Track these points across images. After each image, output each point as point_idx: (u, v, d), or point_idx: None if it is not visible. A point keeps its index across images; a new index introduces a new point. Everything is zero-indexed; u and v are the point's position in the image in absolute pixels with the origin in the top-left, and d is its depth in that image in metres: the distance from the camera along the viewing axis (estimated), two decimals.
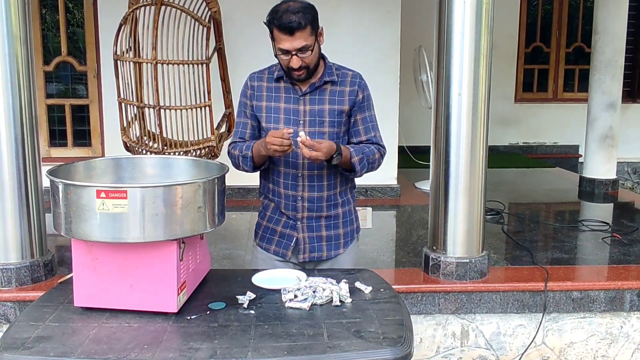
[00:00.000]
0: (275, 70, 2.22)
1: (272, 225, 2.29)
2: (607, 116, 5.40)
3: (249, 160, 2.15)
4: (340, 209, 2.28)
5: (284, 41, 2.04)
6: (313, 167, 2.19)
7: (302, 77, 2.13)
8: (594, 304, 3.03)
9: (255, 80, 2.24)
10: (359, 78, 2.23)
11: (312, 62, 2.11)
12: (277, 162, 2.21)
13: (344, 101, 2.19)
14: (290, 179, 2.20)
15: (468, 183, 2.97)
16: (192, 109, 3.99)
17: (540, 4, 8.11)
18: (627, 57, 5.82)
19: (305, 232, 2.25)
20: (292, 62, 2.07)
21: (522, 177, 6.50)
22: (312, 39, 2.07)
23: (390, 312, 1.76)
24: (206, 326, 1.67)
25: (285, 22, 2.00)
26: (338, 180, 2.25)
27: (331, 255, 2.28)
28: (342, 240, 2.30)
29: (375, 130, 2.26)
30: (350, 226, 2.33)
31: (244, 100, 2.25)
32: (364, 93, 2.22)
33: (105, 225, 1.64)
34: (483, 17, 2.88)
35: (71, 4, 5.60)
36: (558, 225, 4.42)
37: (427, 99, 5.44)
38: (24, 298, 2.81)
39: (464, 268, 3.01)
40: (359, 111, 2.22)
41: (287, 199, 2.23)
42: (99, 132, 5.30)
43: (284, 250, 2.27)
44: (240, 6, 4.86)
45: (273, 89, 2.21)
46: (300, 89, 2.19)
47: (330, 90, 2.19)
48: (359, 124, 2.23)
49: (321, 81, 2.18)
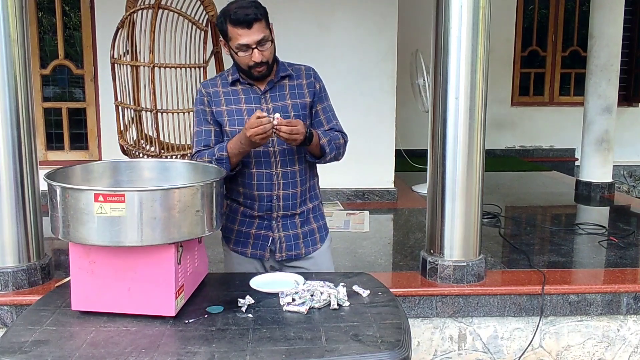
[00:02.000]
0: (229, 75, 2.21)
1: (244, 228, 2.27)
2: (603, 120, 5.41)
3: (225, 162, 2.09)
4: (310, 204, 2.31)
5: (243, 36, 2.04)
6: (286, 164, 2.19)
7: (263, 72, 2.13)
8: (591, 307, 3.03)
9: (209, 87, 2.22)
10: (312, 71, 2.27)
11: (271, 57, 2.13)
12: (249, 163, 2.19)
13: (304, 94, 2.22)
14: (264, 179, 2.19)
15: (465, 186, 2.98)
16: (189, 112, 3.99)
17: (537, 8, 8.14)
18: (623, 61, 5.85)
19: (281, 231, 2.25)
20: (254, 56, 2.07)
21: (518, 180, 6.51)
22: (268, 31, 2.09)
23: (388, 316, 1.76)
24: (204, 330, 1.67)
25: (242, 16, 2.02)
26: (307, 175, 2.27)
27: (309, 252, 2.29)
28: (318, 235, 2.33)
29: (335, 119, 2.30)
30: (321, 220, 2.36)
31: (201, 108, 2.21)
32: (319, 84, 2.26)
33: (103, 228, 1.63)
34: (480, 21, 2.89)
35: (68, 7, 5.60)
36: (555, 229, 4.42)
37: (424, 102, 5.46)
38: (20, 302, 2.81)
39: (461, 271, 3.01)
40: (318, 102, 2.25)
41: (262, 200, 2.21)
42: (95, 135, 5.30)
43: (260, 252, 2.27)
44: None
45: (230, 92, 2.20)
46: (259, 88, 2.19)
47: (289, 85, 2.21)
48: (320, 114, 2.26)
49: (278, 77, 2.19)
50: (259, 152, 2.17)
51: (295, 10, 4.98)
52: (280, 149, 2.18)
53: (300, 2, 4.94)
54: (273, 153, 2.18)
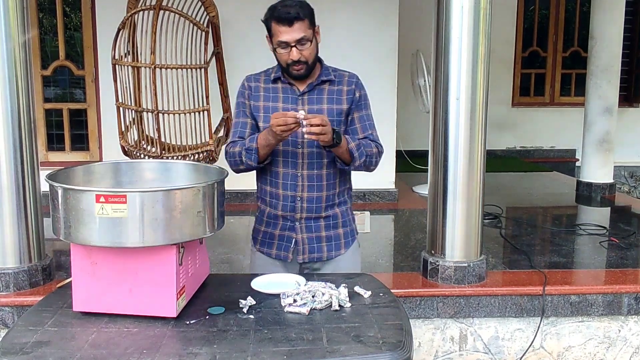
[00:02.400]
0: (272, 73, 2.24)
1: (270, 229, 2.29)
2: (604, 120, 5.41)
3: (254, 153, 2.12)
4: (337, 209, 2.29)
5: (283, 33, 2.07)
6: (313, 167, 2.19)
7: (302, 73, 2.14)
8: (592, 307, 3.03)
9: (252, 81, 2.26)
10: (355, 78, 2.25)
11: (311, 57, 2.12)
12: (276, 162, 2.21)
13: (342, 100, 2.20)
14: (289, 179, 2.20)
15: (466, 187, 2.98)
16: (191, 113, 4.00)
17: (537, 9, 8.14)
18: (624, 61, 5.84)
19: (304, 232, 2.25)
20: (292, 54, 2.08)
21: (519, 181, 6.51)
22: (310, 32, 2.09)
23: (390, 317, 1.76)
24: (205, 331, 1.67)
25: (284, 14, 2.04)
26: (337, 181, 2.25)
27: (332, 256, 2.28)
28: (343, 240, 2.31)
29: (372, 128, 2.27)
30: (349, 226, 2.33)
31: (241, 101, 2.26)
32: (360, 92, 2.24)
33: (104, 229, 1.64)
34: (480, 22, 2.89)
35: (69, 8, 5.60)
36: (555, 229, 4.42)
37: (425, 103, 5.46)
38: (22, 303, 2.80)
39: (462, 272, 3.01)
40: (356, 109, 2.23)
41: (286, 200, 2.22)
42: (96, 136, 5.30)
43: (284, 253, 2.27)
44: (238, 10, 4.87)
45: (270, 89, 2.22)
46: (298, 89, 2.20)
47: (329, 90, 2.20)
48: (356, 122, 2.23)
49: (318, 80, 2.20)
50: (287, 151, 2.18)
51: None
52: (308, 151, 2.18)
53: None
54: (301, 154, 2.18)
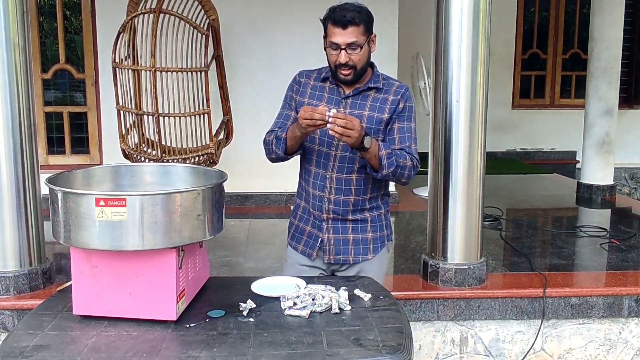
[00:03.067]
0: (324, 72, 2.25)
1: (302, 224, 2.31)
2: (604, 122, 5.42)
3: (282, 143, 2.14)
4: (368, 214, 2.26)
5: (336, 35, 2.08)
6: (342, 171, 2.19)
7: (349, 78, 2.13)
8: (593, 310, 3.03)
9: (303, 77, 2.28)
10: (404, 89, 2.22)
11: (360, 64, 2.12)
12: (310, 160, 2.23)
13: (384, 109, 2.18)
14: (319, 179, 2.22)
15: (466, 189, 2.98)
16: (191, 116, 4.00)
17: (537, 11, 8.15)
18: (624, 63, 5.85)
19: (331, 233, 2.25)
20: (340, 57, 2.09)
21: (519, 183, 6.51)
22: (363, 38, 2.09)
23: (390, 320, 1.75)
24: (205, 334, 1.66)
25: (340, 16, 2.06)
26: (369, 187, 2.22)
27: (358, 260, 2.26)
28: (371, 245, 2.27)
29: (410, 141, 2.20)
30: (380, 232, 2.29)
31: (289, 94, 2.29)
32: (406, 104, 2.20)
33: (104, 233, 1.63)
34: (480, 24, 2.89)
35: (69, 11, 5.61)
36: (556, 232, 4.42)
37: (425, 105, 5.46)
38: (22, 306, 2.81)
39: (462, 274, 3.01)
40: (397, 119, 2.19)
41: (315, 199, 2.24)
42: (97, 139, 5.30)
43: (310, 250, 2.28)
44: (238, 14, 4.88)
45: (318, 87, 2.23)
46: (343, 92, 2.20)
47: (373, 97, 2.19)
48: (394, 133, 2.19)
49: (365, 86, 2.19)
50: (321, 152, 2.19)
51: (296, 12, 4.99)
52: (341, 154, 2.18)
53: (301, 4, 4.95)
54: (333, 157, 2.18)
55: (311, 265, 2.30)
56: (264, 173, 4.33)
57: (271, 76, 4.90)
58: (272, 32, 5.02)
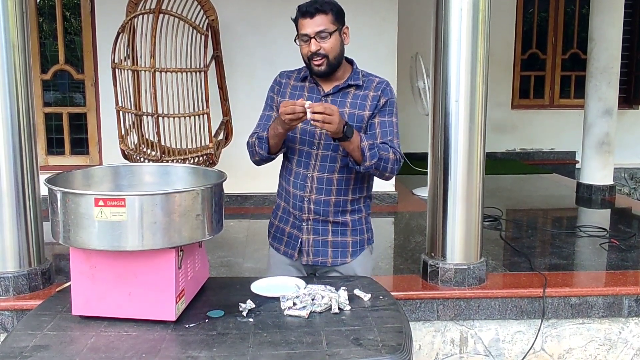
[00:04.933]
0: (303, 71, 2.25)
1: (281, 224, 2.30)
2: (604, 122, 5.42)
3: (265, 142, 2.13)
4: (349, 217, 2.24)
5: (305, 26, 2.10)
6: (324, 170, 2.17)
7: (322, 68, 2.12)
8: (593, 309, 3.03)
9: (284, 77, 2.29)
10: (384, 84, 2.20)
11: (332, 53, 2.11)
12: (291, 159, 2.22)
13: (365, 106, 2.16)
14: (300, 178, 2.20)
15: (466, 190, 2.98)
16: (190, 116, 4.00)
17: (536, 11, 8.14)
18: (623, 63, 5.85)
19: (311, 234, 2.23)
20: (310, 46, 2.09)
21: (519, 183, 6.51)
22: (332, 27, 2.10)
23: (389, 320, 1.75)
24: (205, 334, 1.66)
25: (307, 6, 2.09)
26: (350, 188, 2.20)
27: (337, 263, 2.24)
28: (350, 249, 2.25)
29: (393, 135, 2.16)
30: (360, 235, 2.27)
31: (270, 95, 2.29)
32: (386, 99, 2.17)
33: (103, 233, 1.63)
34: (479, 25, 2.89)
35: (69, 12, 5.61)
36: (556, 232, 4.42)
37: (424, 105, 5.46)
38: (21, 307, 2.81)
39: (462, 274, 3.01)
40: (378, 114, 2.17)
41: (295, 199, 2.22)
42: (96, 140, 5.30)
43: (291, 251, 2.27)
44: (237, 14, 4.87)
45: (297, 87, 2.24)
46: (323, 90, 2.20)
47: (354, 94, 2.18)
48: (376, 127, 2.16)
49: (345, 83, 2.18)
50: (302, 151, 2.18)
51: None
52: (323, 153, 2.16)
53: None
54: (315, 156, 2.17)
55: (294, 265, 2.29)
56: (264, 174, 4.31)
57: (271, 77, 4.85)
58: (271, 33, 5.01)
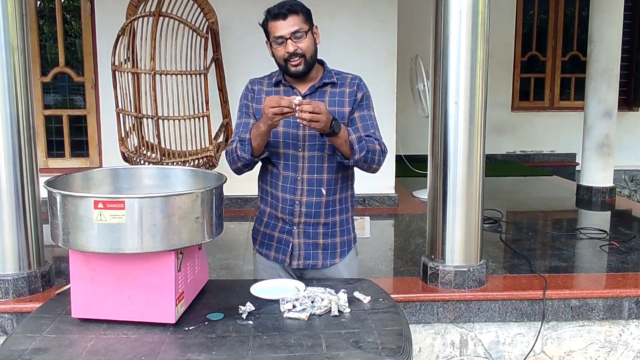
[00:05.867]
0: (274, 76, 2.24)
1: (269, 230, 2.28)
2: (604, 124, 5.42)
3: (247, 144, 2.10)
4: (337, 217, 2.26)
5: (279, 28, 2.08)
6: (313, 171, 2.18)
7: (300, 68, 2.12)
8: (593, 312, 3.03)
9: (255, 84, 2.27)
10: (358, 80, 2.23)
11: (308, 51, 2.12)
12: (277, 164, 2.20)
13: (344, 102, 2.18)
14: (289, 182, 2.19)
15: (466, 191, 2.98)
16: (190, 119, 4.00)
17: (536, 13, 8.16)
18: (623, 65, 5.85)
19: (302, 237, 2.23)
20: (288, 46, 2.08)
21: (519, 185, 6.51)
22: (305, 26, 2.10)
23: (389, 322, 1.75)
24: (204, 337, 1.66)
25: (278, 9, 2.08)
26: (338, 187, 2.23)
27: (326, 265, 2.25)
28: (339, 249, 2.28)
29: (374, 128, 2.20)
30: (347, 235, 2.30)
31: (245, 102, 2.26)
32: (362, 93, 2.20)
33: (102, 235, 1.63)
34: (479, 27, 2.90)
35: (69, 14, 5.62)
36: (556, 234, 4.42)
37: (424, 107, 5.46)
38: (21, 309, 2.80)
39: (462, 277, 3.00)
40: (357, 109, 2.19)
41: (285, 203, 2.21)
42: (96, 142, 5.30)
43: (282, 256, 2.26)
44: (237, 17, 4.88)
45: (272, 92, 2.22)
46: (299, 92, 2.19)
47: (330, 92, 2.19)
48: (357, 122, 2.18)
49: (320, 82, 2.19)
50: (288, 154, 2.17)
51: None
52: (309, 155, 2.16)
53: None
54: (302, 158, 2.16)
55: (283, 270, 2.28)
56: None
57: None
58: None
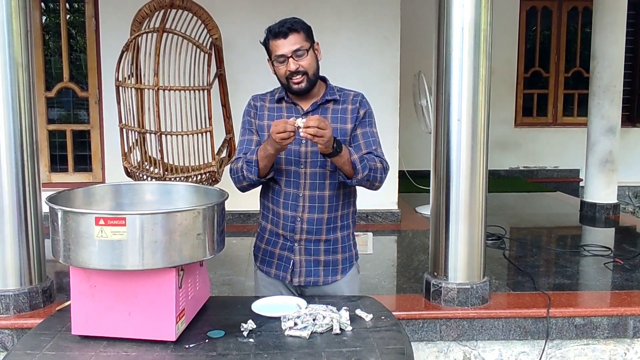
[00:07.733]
0: (277, 93, 2.25)
1: (270, 247, 2.28)
2: (607, 140, 5.41)
3: (254, 165, 2.10)
4: (339, 233, 2.25)
5: (280, 47, 2.09)
6: (315, 188, 2.17)
7: (303, 85, 2.13)
8: (597, 330, 3.00)
9: (258, 101, 2.27)
10: (360, 97, 2.24)
11: (310, 69, 2.12)
12: (279, 180, 2.20)
13: (346, 119, 2.18)
14: (290, 199, 2.19)
15: (468, 208, 2.97)
16: (193, 134, 4.01)
17: (539, 30, 8.19)
18: (626, 81, 5.86)
19: (303, 254, 2.22)
20: (289, 65, 2.09)
21: (522, 201, 6.49)
22: (306, 44, 2.11)
23: (391, 341, 1.74)
24: (205, 355, 1.65)
25: (279, 27, 2.09)
26: (340, 203, 2.22)
27: (328, 281, 2.24)
28: (340, 266, 2.26)
29: (376, 145, 2.21)
30: (348, 252, 2.29)
31: (247, 119, 2.27)
32: (365, 110, 2.21)
33: (103, 252, 1.63)
34: (481, 43, 2.90)
35: (74, 30, 5.67)
36: (560, 251, 4.39)
37: (427, 123, 5.46)
38: (21, 325, 2.79)
39: (465, 294, 2.98)
40: (359, 126, 2.20)
41: (286, 220, 2.20)
42: (99, 157, 5.31)
43: (283, 273, 2.25)
44: (240, 32, 4.90)
45: (275, 109, 2.23)
46: (302, 109, 2.19)
47: (333, 109, 2.19)
48: (359, 139, 2.19)
49: (323, 99, 2.19)
50: (290, 171, 2.17)
51: None
52: (311, 171, 2.16)
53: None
54: (304, 174, 2.16)
55: (284, 287, 2.27)
56: None
57: None
58: None
